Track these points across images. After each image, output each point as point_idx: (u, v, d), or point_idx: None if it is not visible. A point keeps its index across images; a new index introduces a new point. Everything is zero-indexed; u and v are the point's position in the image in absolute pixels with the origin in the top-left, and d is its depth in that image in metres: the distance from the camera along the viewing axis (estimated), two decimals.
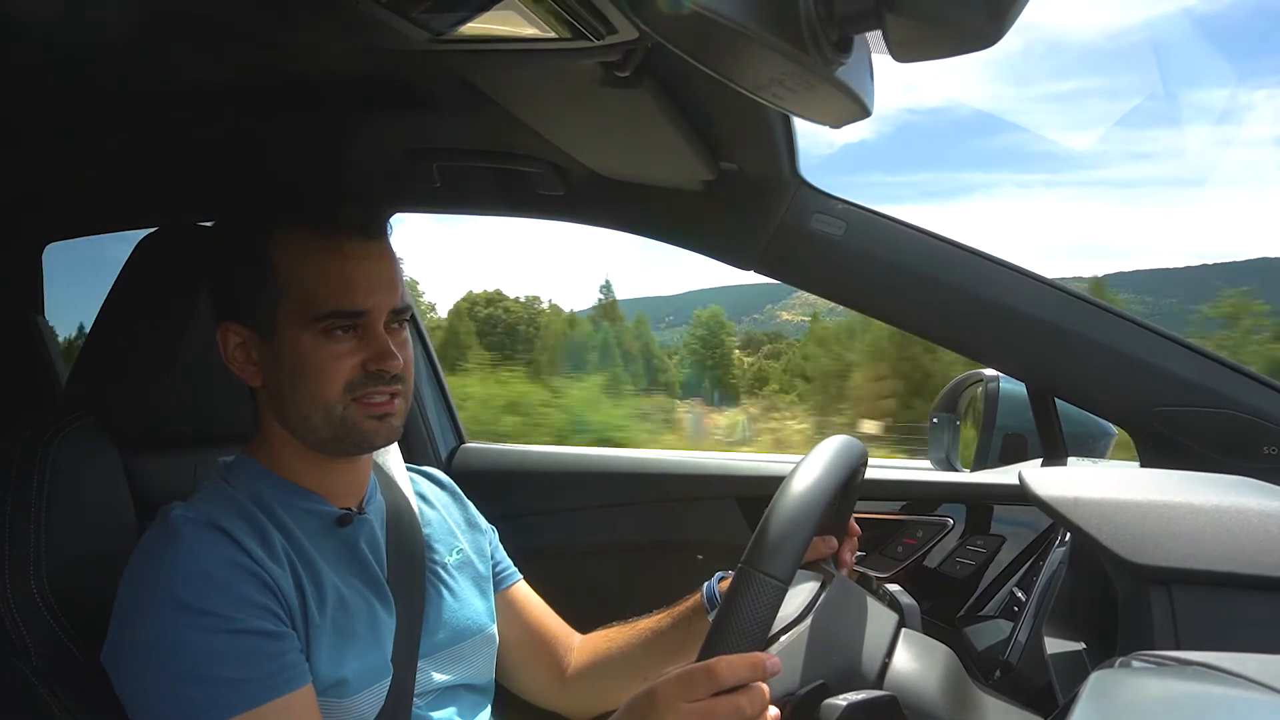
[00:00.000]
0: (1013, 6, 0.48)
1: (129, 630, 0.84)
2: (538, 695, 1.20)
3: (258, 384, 0.96)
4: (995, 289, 1.24)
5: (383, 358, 0.92)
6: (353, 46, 0.94)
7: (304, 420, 0.93)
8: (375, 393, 0.92)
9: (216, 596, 0.82)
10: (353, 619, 0.93)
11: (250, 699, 0.81)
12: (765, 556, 0.77)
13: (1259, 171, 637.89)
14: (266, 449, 0.98)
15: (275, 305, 0.92)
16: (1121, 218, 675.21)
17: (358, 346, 0.92)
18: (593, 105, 1.02)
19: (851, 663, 0.86)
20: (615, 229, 1.44)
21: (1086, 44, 34.51)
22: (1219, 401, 1.17)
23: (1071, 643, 0.99)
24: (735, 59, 0.56)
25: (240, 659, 0.81)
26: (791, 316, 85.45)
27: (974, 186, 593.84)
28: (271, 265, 0.92)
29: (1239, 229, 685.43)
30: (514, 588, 1.20)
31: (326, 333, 0.91)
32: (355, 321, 0.92)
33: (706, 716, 0.74)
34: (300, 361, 0.91)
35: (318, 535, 0.95)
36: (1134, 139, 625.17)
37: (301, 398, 0.92)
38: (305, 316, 0.91)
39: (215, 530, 0.86)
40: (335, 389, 0.91)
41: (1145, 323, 1.22)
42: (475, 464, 1.79)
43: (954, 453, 1.69)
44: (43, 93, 1.10)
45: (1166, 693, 0.58)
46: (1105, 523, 0.88)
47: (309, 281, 0.91)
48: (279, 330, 0.92)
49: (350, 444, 0.95)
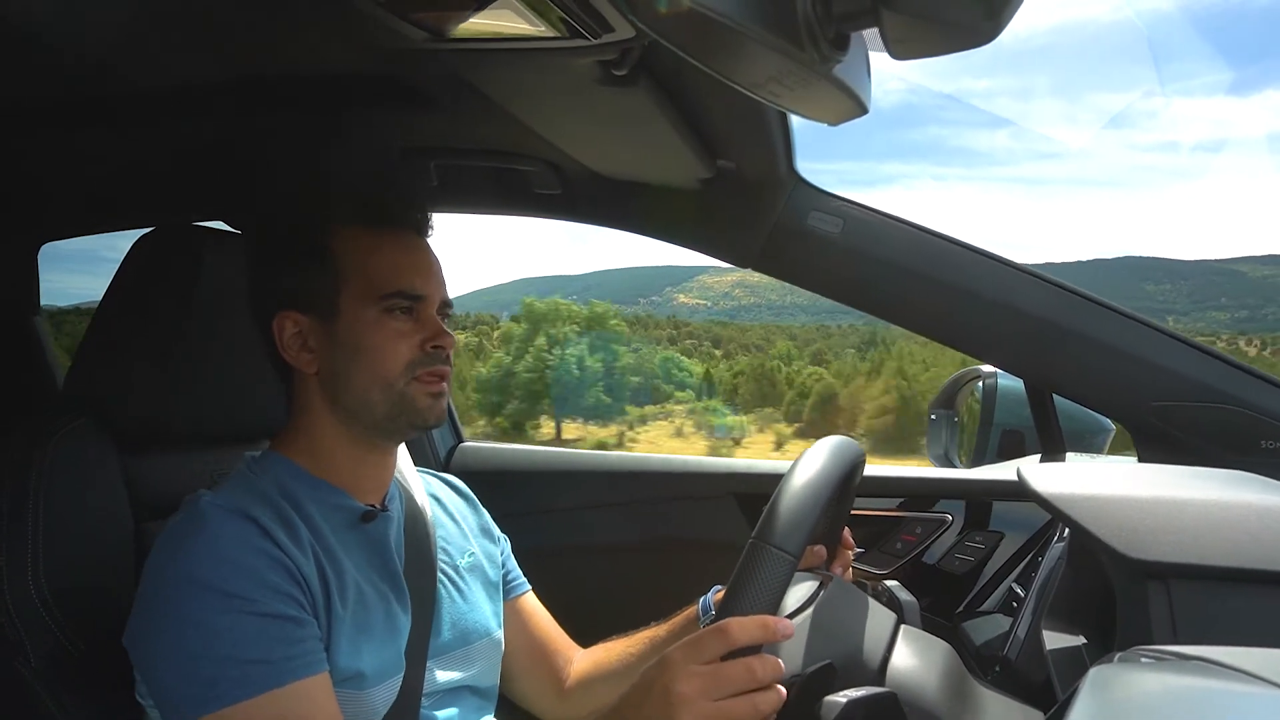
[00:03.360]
0: (1008, 4, 0.48)
1: (152, 610, 0.84)
2: (536, 704, 1.22)
3: (313, 370, 0.98)
4: (992, 286, 1.25)
5: (439, 336, 0.97)
6: (350, 45, 0.94)
7: (363, 397, 0.96)
8: (433, 372, 0.97)
9: (241, 579, 0.83)
10: (370, 614, 0.94)
11: (269, 681, 0.82)
12: (776, 531, 0.77)
13: (1151, 175, 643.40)
14: (301, 440, 0.99)
15: (337, 289, 0.96)
16: (1027, 213, 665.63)
17: (415, 328, 0.97)
18: (590, 104, 1.02)
19: (853, 651, 0.86)
20: (612, 227, 1.44)
21: (1000, 44, 36.36)
22: (1217, 397, 1.17)
23: (1070, 638, 0.99)
24: (732, 57, 0.56)
25: (261, 641, 0.82)
26: (688, 300, 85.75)
27: (894, 177, 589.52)
28: (332, 254, 0.96)
29: (1119, 228, 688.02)
30: (523, 598, 1.21)
31: (388, 312, 0.96)
32: (414, 305, 0.97)
33: (716, 679, 0.73)
34: (363, 338, 0.95)
35: (342, 530, 0.96)
36: (1040, 140, 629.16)
37: (363, 374, 0.95)
38: (369, 296, 0.95)
39: (242, 518, 0.87)
40: (397, 366, 0.95)
41: (1142, 318, 1.22)
42: (473, 463, 1.79)
43: (952, 449, 1.69)
44: (39, 91, 1.10)
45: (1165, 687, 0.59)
46: (1103, 518, 0.88)
47: (371, 266, 0.96)
48: (341, 311, 0.96)
49: (404, 422, 0.97)
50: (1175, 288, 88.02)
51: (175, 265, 1.05)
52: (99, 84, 1.10)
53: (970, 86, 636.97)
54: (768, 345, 52.01)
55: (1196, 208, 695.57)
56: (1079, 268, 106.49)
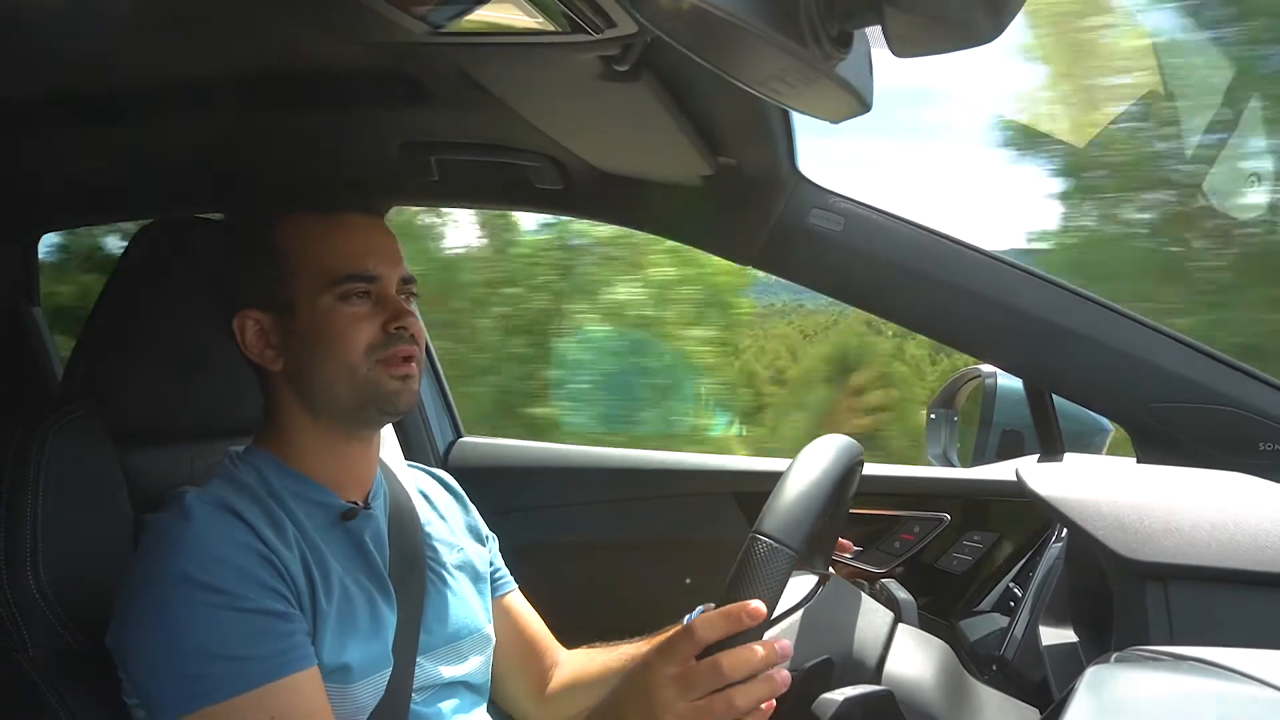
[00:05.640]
0: (1011, 3, 0.49)
1: (137, 607, 0.84)
2: (517, 705, 1.21)
3: (278, 367, 0.97)
4: (993, 285, 1.24)
5: (400, 316, 0.95)
6: (351, 40, 0.94)
7: (328, 389, 0.94)
8: (397, 353, 0.95)
9: (226, 574, 0.83)
10: (355, 611, 0.93)
11: (256, 677, 0.81)
12: (777, 524, 0.77)
13: None
14: (279, 437, 0.98)
15: (290, 283, 0.94)
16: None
17: (374, 311, 0.95)
18: (591, 99, 1.02)
19: (850, 649, 0.86)
20: (613, 223, 1.44)
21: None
22: (1216, 398, 1.17)
23: (1067, 638, 1.00)
24: (735, 54, 0.56)
25: (247, 637, 0.82)
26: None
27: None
28: (280, 250, 0.95)
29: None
30: (508, 596, 1.21)
31: (344, 298, 0.94)
32: (369, 287, 0.95)
33: (687, 680, 0.73)
34: (321, 329, 0.94)
35: (324, 527, 0.96)
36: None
37: (325, 365, 0.94)
38: (321, 285, 0.93)
39: (228, 513, 0.87)
40: (358, 351, 0.93)
41: (1142, 319, 1.22)
42: (473, 458, 1.79)
43: (951, 448, 1.69)
44: (39, 84, 1.10)
45: (1162, 688, 0.59)
46: (1101, 519, 0.88)
47: (320, 254, 0.94)
48: (297, 305, 0.94)
49: (374, 408, 0.96)
50: None
51: (175, 258, 1.05)
52: (99, 78, 1.10)
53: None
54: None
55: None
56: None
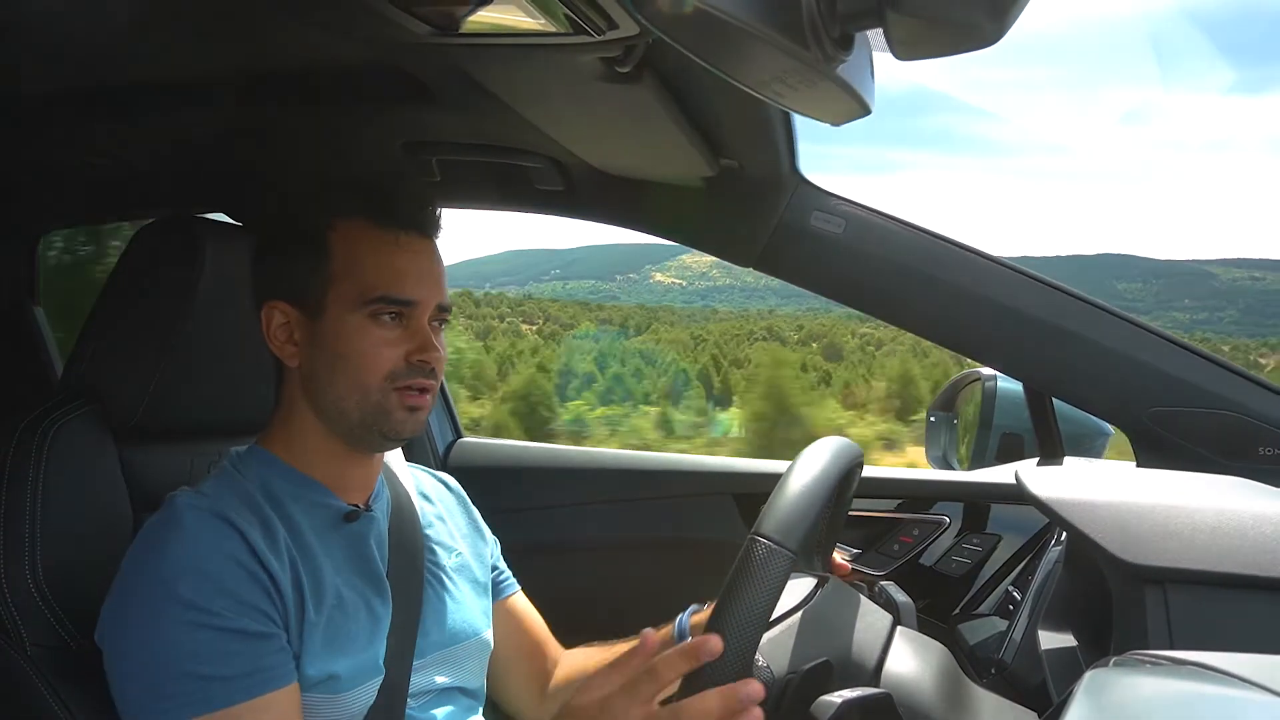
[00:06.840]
0: (1014, 6, 0.48)
1: (120, 611, 0.85)
2: (516, 706, 1.21)
3: (295, 365, 0.96)
4: (994, 288, 1.25)
5: (426, 349, 0.93)
6: (354, 39, 0.94)
7: (337, 404, 0.94)
8: (415, 385, 0.94)
9: (206, 590, 0.82)
10: (349, 618, 0.92)
11: (222, 698, 0.81)
12: (776, 526, 0.76)
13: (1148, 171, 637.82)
14: (285, 435, 0.98)
15: (327, 287, 0.93)
16: (1024, 206, 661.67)
17: (402, 337, 0.94)
18: (593, 101, 1.02)
19: (848, 651, 0.86)
20: (614, 224, 1.44)
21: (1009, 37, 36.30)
22: (1216, 402, 1.17)
23: (1066, 641, 0.99)
24: (737, 55, 0.56)
25: (219, 656, 0.81)
26: (664, 279, 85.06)
27: (901, 164, 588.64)
28: (328, 249, 0.94)
29: (1105, 223, 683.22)
30: (511, 599, 1.21)
31: (374, 317, 0.92)
32: (402, 310, 0.93)
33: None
34: (345, 344, 0.92)
35: (324, 530, 0.95)
36: (1048, 131, 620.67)
37: (340, 379, 0.93)
38: (355, 299, 0.92)
39: (219, 520, 0.86)
40: (377, 376, 0.92)
41: (1142, 323, 1.22)
42: (472, 459, 1.79)
43: (951, 451, 1.69)
44: (40, 81, 1.10)
45: (1161, 692, 0.59)
46: (1101, 522, 0.88)
47: (363, 267, 0.93)
48: (328, 311, 0.93)
49: (378, 433, 0.95)
50: (1145, 286, 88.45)
51: (175, 257, 1.05)
52: (101, 76, 1.10)
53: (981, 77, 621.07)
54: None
55: (1188, 206, 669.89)
56: (1058, 263, 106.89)
